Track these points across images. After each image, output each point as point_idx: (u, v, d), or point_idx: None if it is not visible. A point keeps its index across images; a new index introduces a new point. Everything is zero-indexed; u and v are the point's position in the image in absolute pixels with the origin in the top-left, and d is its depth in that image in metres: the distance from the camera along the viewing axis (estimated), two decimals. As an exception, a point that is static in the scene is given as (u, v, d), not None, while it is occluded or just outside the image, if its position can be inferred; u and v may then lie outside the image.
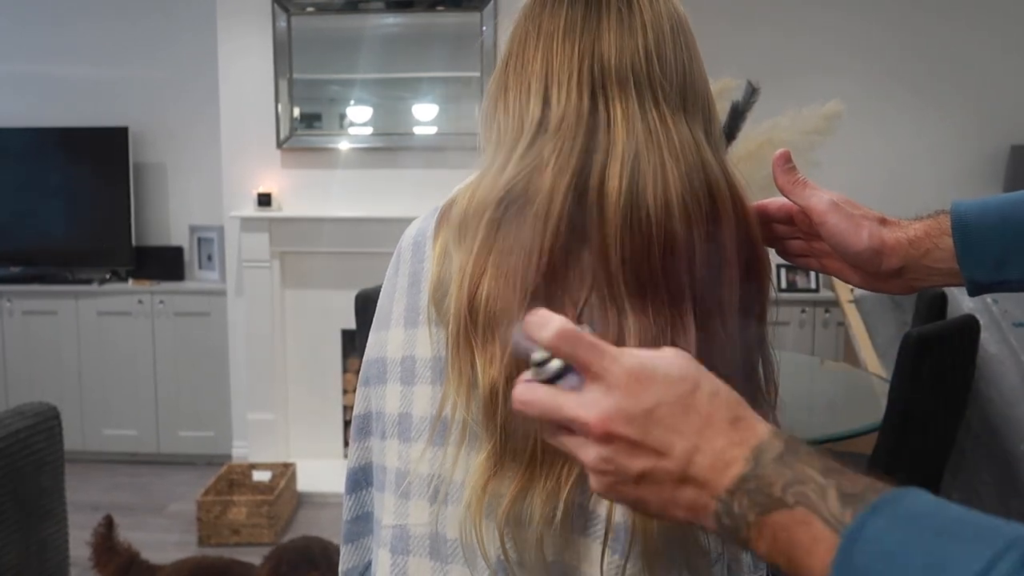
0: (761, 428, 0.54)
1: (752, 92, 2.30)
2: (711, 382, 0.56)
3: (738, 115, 2.29)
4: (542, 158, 0.79)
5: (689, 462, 0.53)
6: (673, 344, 0.74)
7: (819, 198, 0.84)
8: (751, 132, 2.22)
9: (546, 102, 0.81)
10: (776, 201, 0.89)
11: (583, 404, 0.55)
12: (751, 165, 2.14)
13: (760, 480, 0.51)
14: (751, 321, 0.82)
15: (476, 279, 0.77)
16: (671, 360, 0.56)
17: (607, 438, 0.54)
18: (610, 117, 0.79)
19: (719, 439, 0.53)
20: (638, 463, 0.54)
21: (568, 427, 0.57)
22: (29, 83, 4.71)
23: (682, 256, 0.76)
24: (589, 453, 0.55)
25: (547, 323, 0.56)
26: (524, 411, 0.57)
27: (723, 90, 2.39)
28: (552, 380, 0.57)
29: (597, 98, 0.80)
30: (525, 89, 0.83)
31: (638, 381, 0.55)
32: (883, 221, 0.85)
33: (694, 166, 0.79)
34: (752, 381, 0.84)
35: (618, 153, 0.78)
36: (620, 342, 0.74)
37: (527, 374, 0.59)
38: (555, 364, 0.57)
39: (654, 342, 0.74)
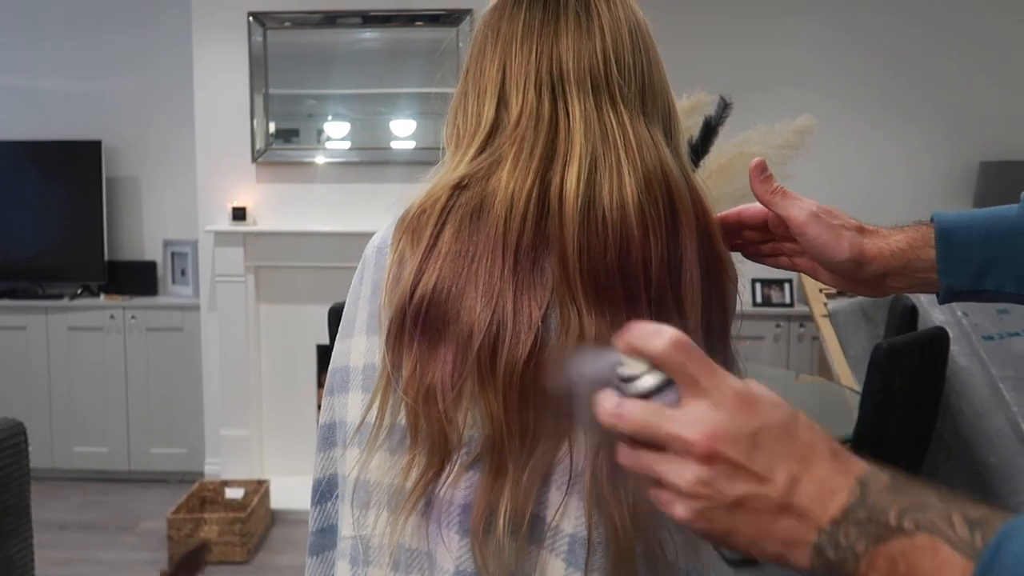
0: (860, 461, 0.53)
1: (724, 107, 2.32)
2: (805, 415, 0.55)
3: (711, 130, 2.30)
4: (498, 157, 0.79)
5: (792, 490, 0.51)
6: None
7: (798, 207, 0.84)
8: (723, 146, 2.23)
9: (503, 103, 0.82)
10: (751, 207, 0.90)
11: (686, 422, 0.52)
12: (723, 179, 2.15)
13: (871, 509, 0.49)
14: (713, 322, 0.82)
15: (426, 276, 0.76)
16: (766, 388, 0.55)
17: (710, 458, 0.51)
18: (569, 118, 0.80)
19: (822, 468, 0.51)
20: (738, 487, 0.51)
21: (662, 446, 0.53)
22: (2, 96, 4.66)
23: (638, 257, 0.76)
24: (685, 474, 0.52)
25: (660, 332, 0.54)
26: (614, 424, 0.54)
27: (696, 105, 2.40)
28: (644, 396, 0.54)
29: (556, 99, 0.81)
30: (483, 92, 0.84)
31: (746, 402, 0.53)
32: (862, 230, 0.86)
33: (652, 167, 0.79)
34: None
35: (576, 154, 0.78)
36: (580, 343, 0.74)
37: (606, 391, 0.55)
38: (650, 380, 0.54)
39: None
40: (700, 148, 2.25)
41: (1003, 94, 4.53)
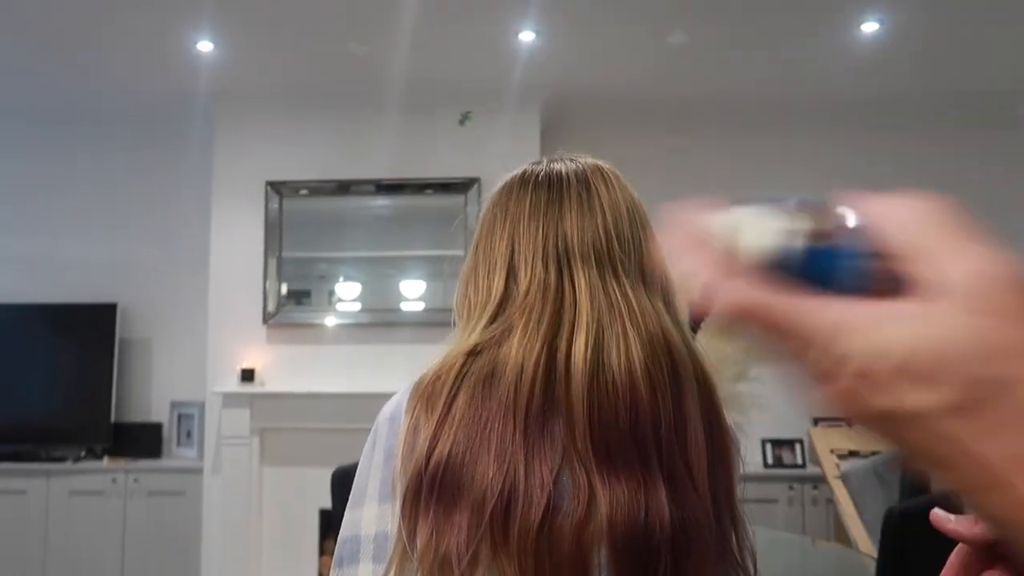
0: None
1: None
2: None
3: (711, 291, 2.35)
4: (509, 325, 0.82)
5: None
6: (646, 506, 0.73)
7: None
8: (724, 308, 2.27)
9: (512, 276, 0.87)
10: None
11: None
12: (725, 340, 2.17)
13: None
14: (719, 484, 0.82)
15: (440, 443, 0.77)
16: None
17: None
18: (575, 289, 0.85)
19: None
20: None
21: None
22: (23, 260, 4.80)
23: (647, 419, 0.78)
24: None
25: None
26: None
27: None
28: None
29: (562, 271, 0.86)
30: (493, 265, 0.89)
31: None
32: None
33: (655, 334, 0.82)
34: (723, 545, 0.83)
35: (583, 322, 0.82)
36: (591, 507, 0.73)
37: None
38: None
39: (627, 505, 0.74)
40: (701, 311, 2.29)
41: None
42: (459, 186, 4.28)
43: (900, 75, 4.19)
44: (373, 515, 0.85)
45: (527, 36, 3.73)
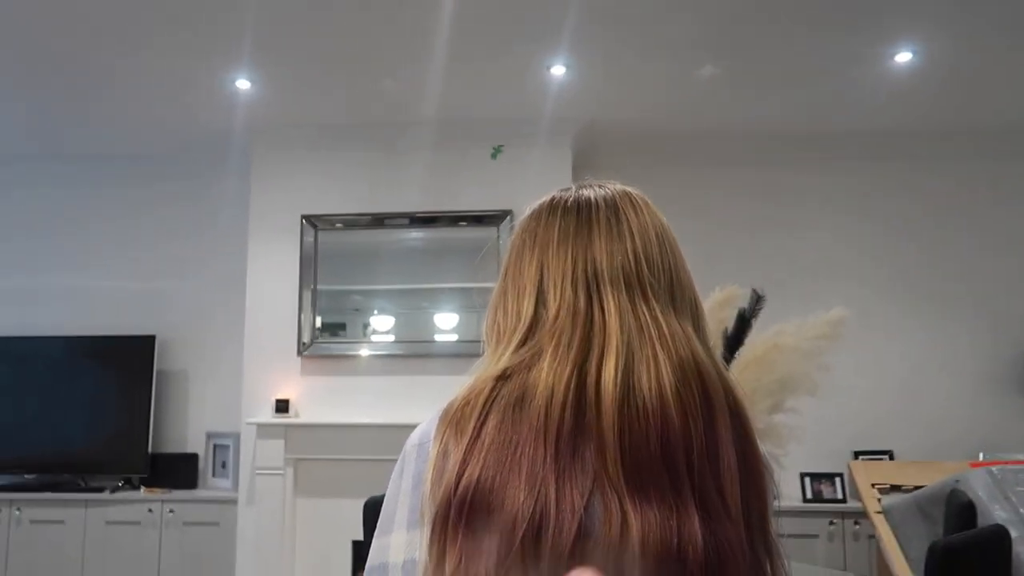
0: None
1: (757, 300, 2.37)
2: None
3: (745, 322, 2.34)
4: (539, 349, 0.82)
5: None
6: (679, 531, 0.72)
7: None
8: (757, 338, 2.26)
9: (541, 301, 0.87)
10: None
11: None
12: (759, 370, 2.15)
13: None
14: (752, 512, 0.81)
15: (470, 468, 0.77)
16: None
17: None
18: (604, 313, 0.84)
19: None
20: None
21: None
22: (65, 294, 4.91)
23: (679, 444, 0.77)
24: None
25: None
26: None
27: (729, 298, 2.45)
28: None
29: (591, 295, 0.86)
30: (522, 291, 0.89)
31: None
32: None
33: (686, 358, 0.82)
34: (757, 573, 0.81)
35: (613, 345, 0.81)
36: (625, 531, 0.73)
37: None
38: None
39: (660, 529, 0.72)
40: (735, 340, 2.27)
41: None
42: (491, 218, 4.31)
43: (934, 106, 4.15)
44: (402, 542, 0.85)
45: (558, 70, 3.77)
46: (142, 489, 4.47)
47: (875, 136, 4.55)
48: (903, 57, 3.65)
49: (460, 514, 0.76)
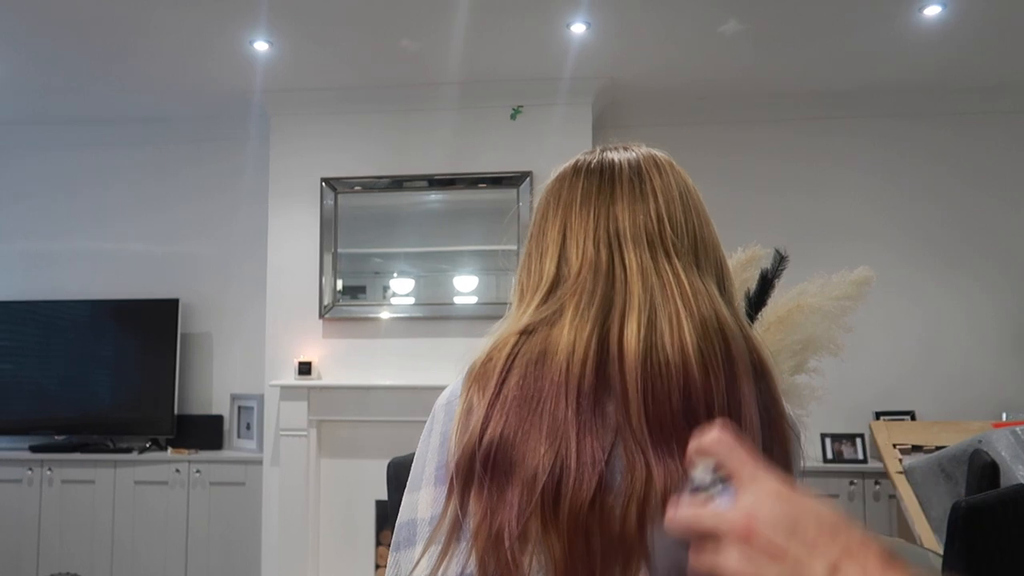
0: (916, 567, 0.53)
1: (780, 260, 2.35)
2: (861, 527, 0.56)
3: (767, 283, 2.32)
4: (561, 305, 0.83)
5: None
6: None
7: None
8: (780, 298, 2.24)
9: (564, 259, 0.88)
10: None
11: (731, 509, 0.56)
12: (782, 331, 2.14)
13: None
14: (775, 468, 0.81)
15: (493, 422, 0.78)
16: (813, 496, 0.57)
17: (748, 536, 0.53)
18: (626, 269, 0.85)
19: (872, 563, 0.51)
20: (776, 569, 0.52)
21: (713, 536, 0.56)
22: (92, 257, 4.96)
23: (700, 401, 0.77)
24: (731, 558, 0.54)
25: (710, 432, 0.60)
26: (671, 526, 0.58)
27: (752, 259, 2.44)
28: (701, 492, 0.59)
29: (613, 253, 0.86)
30: (545, 251, 0.90)
31: (785, 494, 0.55)
32: None
33: (708, 316, 0.81)
34: None
35: (635, 304, 0.82)
36: (648, 485, 0.73)
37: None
38: (701, 475, 0.59)
39: (682, 481, 0.73)
40: (757, 301, 2.26)
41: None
42: (511, 180, 4.29)
43: (963, 61, 4.06)
44: (429, 498, 0.86)
45: (578, 28, 3.72)
46: (169, 450, 4.55)
47: (901, 93, 4.46)
48: (932, 10, 3.56)
49: (484, 468, 0.77)
